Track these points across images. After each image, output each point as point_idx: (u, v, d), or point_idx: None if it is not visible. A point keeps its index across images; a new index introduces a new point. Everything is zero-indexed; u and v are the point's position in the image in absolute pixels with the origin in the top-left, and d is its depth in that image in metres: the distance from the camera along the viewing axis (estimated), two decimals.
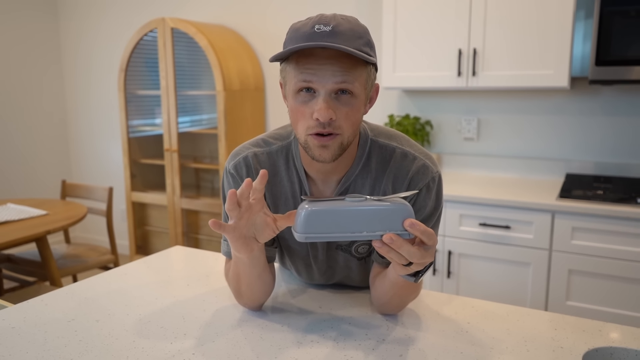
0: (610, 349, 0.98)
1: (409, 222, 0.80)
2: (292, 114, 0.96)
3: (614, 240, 2.09)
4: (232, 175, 1.09)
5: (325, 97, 0.91)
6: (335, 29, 0.90)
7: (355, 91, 0.93)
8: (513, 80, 2.41)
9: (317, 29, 0.90)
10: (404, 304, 1.08)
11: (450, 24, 2.50)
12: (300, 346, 0.98)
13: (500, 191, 2.40)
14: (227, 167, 1.11)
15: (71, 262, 2.85)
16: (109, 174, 4.28)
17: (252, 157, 1.08)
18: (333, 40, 0.89)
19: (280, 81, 1.02)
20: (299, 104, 0.94)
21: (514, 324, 1.07)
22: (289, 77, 0.95)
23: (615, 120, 2.54)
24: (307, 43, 0.88)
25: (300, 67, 0.92)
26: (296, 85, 0.93)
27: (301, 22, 0.94)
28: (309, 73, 0.91)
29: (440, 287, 2.45)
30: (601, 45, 2.20)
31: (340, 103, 0.92)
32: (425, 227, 0.81)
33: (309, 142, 0.95)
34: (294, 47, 0.89)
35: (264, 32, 3.40)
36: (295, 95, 0.94)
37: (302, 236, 0.81)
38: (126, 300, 1.19)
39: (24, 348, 0.97)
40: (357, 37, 0.92)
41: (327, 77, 0.90)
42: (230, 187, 1.09)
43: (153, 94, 3.57)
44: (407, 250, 0.81)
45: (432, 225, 1.07)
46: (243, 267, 1.01)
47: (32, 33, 4.12)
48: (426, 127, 2.93)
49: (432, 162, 1.07)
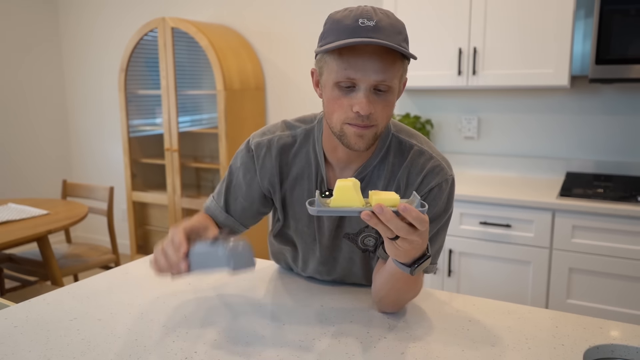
0: (611, 346, 0.98)
1: (403, 206, 0.81)
2: (329, 103, 0.99)
3: (614, 238, 2.09)
4: (249, 151, 1.15)
5: (366, 92, 0.94)
6: (378, 24, 0.92)
7: (393, 86, 0.96)
8: (513, 79, 2.41)
9: (362, 24, 0.92)
10: (401, 301, 1.08)
11: (450, 23, 2.51)
12: (301, 343, 0.98)
13: (501, 190, 2.40)
14: (250, 140, 1.15)
15: (72, 262, 2.85)
16: (109, 173, 4.28)
17: (278, 141, 1.13)
18: (377, 36, 0.91)
19: (312, 70, 1.04)
20: (337, 95, 0.97)
21: (515, 322, 1.07)
22: (329, 68, 0.97)
23: (616, 119, 2.54)
24: (354, 38, 0.90)
25: (343, 60, 0.93)
26: (338, 77, 0.95)
27: (340, 13, 0.96)
28: (352, 68, 0.93)
29: (441, 286, 2.46)
30: (601, 43, 2.20)
31: (378, 97, 0.96)
32: (419, 214, 0.82)
33: (345, 131, 0.98)
34: (348, 41, 0.90)
35: (264, 31, 3.40)
36: (334, 86, 0.96)
37: (314, 210, 0.85)
38: (128, 299, 1.19)
39: (26, 347, 0.97)
40: (397, 32, 0.94)
41: (369, 73, 0.93)
42: (245, 164, 1.15)
43: (153, 94, 3.58)
44: (395, 224, 0.82)
45: (440, 227, 1.09)
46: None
47: (32, 34, 4.12)
48: (426, 126, 2.93)
49: (448, 165, 1.09)
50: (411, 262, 0.92)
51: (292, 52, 3.32)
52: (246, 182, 1.16)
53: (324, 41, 0.97)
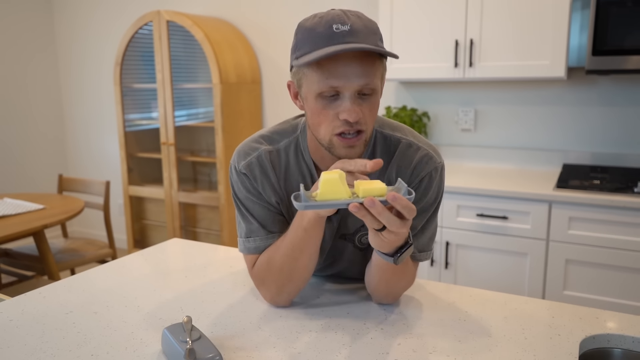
0: (607, 336, 0.99)
1: (392, 195, 0.79)
2: (314, 115, 0.96)
3: (610, 229, 2.09)
4: (244, 175, 1.07)
5: (352, 98, 0.92)
6: (352, 27, 0.90)
7: (376, 88, 0.94)
8: (510, 71, 2.41)
9: (336, 29, 0.89)
10: (394, 292, 1.08)
11: (446, 14, 2.50)
12: (298, 335, 0.98)
13: (498, 182, 2.40)
14: (236, 167, 1.08)
15: (69, 256, 2.85)
16: (105, 168, 4.27)
17: (265, 156, 1.07)
18: (354, 40, 0.89)
19: (289, 82, 1.01)
20: (321, 106, 0.94)
21: (511, 312, 1.07)
22: (309, 80, 0.94)
23: (612, 110, 2.54)
24: (337, 47, 0.88)
25: (324, 70, 0.91)
26: (320, 88, 0.92)
27: (311, 21, 0.93)
28: (334, 77, 0.90)
29: (438, 278, 2.46)
30: (598, 35, 2.19)
31: (364, 101, 0.94)
32: (408, 203, 0.80)
33: (334, 143, 0.96)
34: (328, 51, 0.87)
35: (260, 24, 3.38)
36: (317, 97, 0.94)
37: (301, 205, 0.82)
38: (124, 292, 1.19)
39: (22, 340, 0.97)
40: (372, 32, 0.93)
41: (352, 79, 0.91)
42: (246, 187, 1.07)
43: (149, 88, 3.56)
44: (386, 217, 0.80)
45: (431, 214, 1.08)
46: (316, 234, 0.99)
47: (26, 28, 4.10)
48: (423, 118, 2.93)
49: (436, 152, 1.08)
50: (394, 252, 0.91)
51: (288, 45, 3.30)
52: (262, 204, 1.08)
53: (299, 52, 0.93)
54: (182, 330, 0.89)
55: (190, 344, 0.84)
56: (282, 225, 1.09)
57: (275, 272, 1.05)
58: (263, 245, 1.08)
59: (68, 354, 0.92)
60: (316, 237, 1.00)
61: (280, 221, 1.09)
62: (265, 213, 1.08)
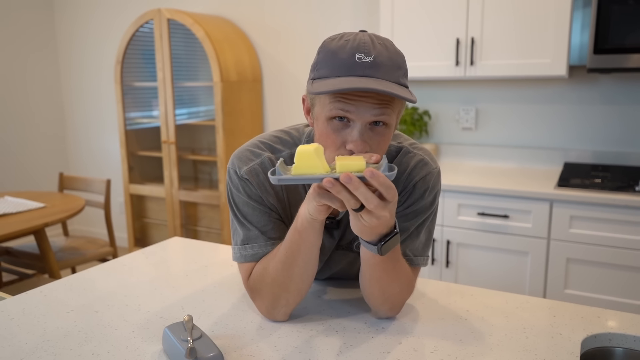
0: (609, 335, 0.99)
1: (370, 171, 0.75)
2: (322, 138, 0.93)
3: (612, 228, 2.09)
4: (246, 181, 1.03)
5: (361, 129, 0.89)
6: (376, 59, 0.87)
7: (389, 123, 0.92)
8: (511, 70, 2.40)
9: (358, 59, 0.87)
10: (391, 299, 1.01)
11: (448, 13, 2.49)
12: (299, 335, 0.98)
13: (499, 181, 2.40)
14: (237, 172, 1.04)
15: (70, 255, 2.85)
16: (106, 166, 4.27)
17: (268, 163, 1.04)
18: (375, 74, 0.86)
19: (304, 97, 1.00)
20: (330, 130, 0.91)
21: (512, 312, 1.07)
22: (321, 102, 0.92)
23: (614, 109, 2.54)
24: (351, 77, 0.85)
25: (338, 97, 0.89)
26: (331, 112, 0.90)
27: (336, 43, 0.90)
28: (346, 104, 0.88)
29: (439, 277, 2.46)
30: (599, 33, 2.19)
31: (374, 133, 0.91)
32: (386, 180, 0.77)
33: None
34: (342, 87, 0.84)
35: (261, 22, 3.38)
36: (327, 121, 0.91)
37: (275, 179, 0.79)
38: (125, 290, 1.18)
39: (23, 339, 0.97)
40: (397, 67, 0.90)
41: (365, 110, 0.88)
42: (247, 193, 1.04)
43: (150, 86, 3.56)
44: (363, 193, 0.76)
45: (426, 218, 1.05)
46: (310, 239, 0.94)
47: (27, 26, 4.09)
48: (424, 117, 2.93)
49: (432, 159, 1.07)
50: (378, 240, 0.87)
51: (289, 44, 3.30)
52: (263, 210, 1.05)
53: (317, 73, 0.91)
54: (183, 329, 0.89)
55: (191, 343, 0.84)
56: (282, 232, 1.04)
57: (269, 282, 1.00)
58: (261, 253, 1.03)
59: (69, 352, 0.92)
60: (311, 243, 0.94)
61: (280, 228, 1.05)
62: (265, 219, 1.04)
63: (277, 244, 1.03)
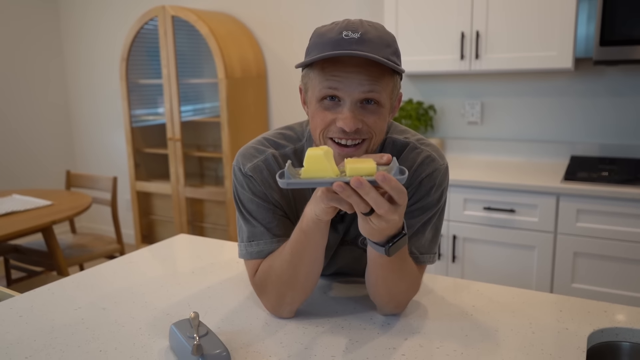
0: (616, 330, 0.98)
1: (381, 175, 0.74)
2: (313, 119, 0.94)
3: (619, 221, 2.08)
4: (250, 178, 1.03)
5: (351, 106, 0.89)
6: (363, 36, 0.88)
7: (381, 101, 0.91)
8: (516, 63, 2.39)
9: (345, 36, 0.88)
10: (396, 297, 1.01)
11: (452, 6, 2.48)
12: (305, 331, 0.98)
13: (505, 175, 2.39)
14: (241, 169, 1.04)
15: (77, 252, 2.87)
16: (113, 163, 4.28)
17: (272, 160, 1.04)
18: (361, 48, 0.87)
19: (300, 87, 1.00)
20: (321, 109, 0.92)
21: (519, 307, 1.07)
22: (313, 84, 0.93)
23: (620, 101, 2.52)
24: (335, 51, 0.86)
25: (326, 74, 0.89)
26: (320, 92, 0.91)
27: (326, 27, 0.92)
28: (335, 80, 0.88)
29: (445, 272, 2.46)
30: (605, 25, 2.17)
31: (366, 111, 0.91)
32: (398, 184, 0.76)
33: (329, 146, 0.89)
34: (322, 55, 0.86)
35: (265, 19, 3.37)
36: (318, 102, 0.92)
37: (284, 182, 0.78)
38: (132, 288, 1.19)
39: (31, 336, 0.97)
40: (386, 45, 0.90)
41: (353, 86, 0.88)
42: (251, 190, 1.03)
43: (155, 83, 3.56)
44: (374, 198, 0.75)
45: (433, 214, 1.04)
46: (316, 239, 0.93)
47: (33, 24, 4.11)
48: (429, 111, 2.92)
49: (439, 155, 1.05)
50: (385, 241, 0.86)
51: (293, 39, 3.29)
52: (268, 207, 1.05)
53: (307, 56, 0.92)
54: (190, 326, 0.90)
55: (197, 340, 0.85)
56: (287, 229, 1.04)
57: (275, 280, 1.00)
58: (267, 250, 1.03)
59: (77, 349, 0.92)
60: (316, 243, 0.94)
61: (286, 225, 1.05)
62: (270, 216, 1.04)
63: (282, 241, 1.03)
